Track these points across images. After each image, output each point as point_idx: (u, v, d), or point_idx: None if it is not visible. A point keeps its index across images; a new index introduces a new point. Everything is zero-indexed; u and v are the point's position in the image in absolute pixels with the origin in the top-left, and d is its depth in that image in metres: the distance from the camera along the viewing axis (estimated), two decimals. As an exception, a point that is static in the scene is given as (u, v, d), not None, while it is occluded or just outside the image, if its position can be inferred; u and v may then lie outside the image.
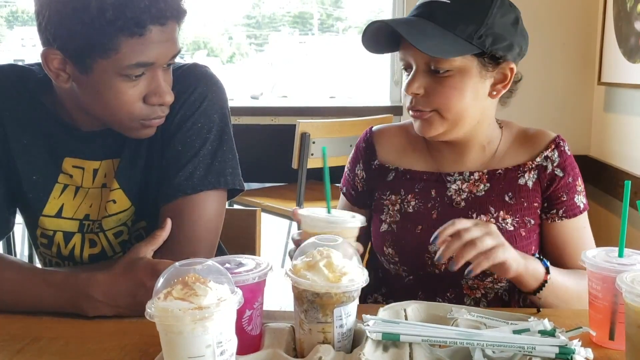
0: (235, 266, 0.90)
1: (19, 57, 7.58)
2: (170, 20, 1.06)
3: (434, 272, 1.25)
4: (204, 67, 1.25)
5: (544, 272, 1.13)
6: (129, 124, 1.12)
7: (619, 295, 0.89)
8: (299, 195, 2.77)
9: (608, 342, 0.95)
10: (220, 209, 1.21)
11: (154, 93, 1.09)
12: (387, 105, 3.27)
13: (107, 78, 1.06)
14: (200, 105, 1.20)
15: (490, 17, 1.16)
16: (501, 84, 1.22)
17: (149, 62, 1.06)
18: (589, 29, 2.78)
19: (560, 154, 1.27)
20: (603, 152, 2.71)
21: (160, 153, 1.20)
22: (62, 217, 1.23)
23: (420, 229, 1.27)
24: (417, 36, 1.14)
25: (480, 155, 1.29)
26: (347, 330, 0.88)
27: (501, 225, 1.24)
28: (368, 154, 1.37)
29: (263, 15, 10.32)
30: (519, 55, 1.22)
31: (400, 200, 1.30)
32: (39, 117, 1.20)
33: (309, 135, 2.73)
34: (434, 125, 1.21)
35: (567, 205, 1.27)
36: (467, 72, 1.17)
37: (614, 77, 2.55)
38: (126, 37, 1.02)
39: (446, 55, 1.15)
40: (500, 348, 0.86)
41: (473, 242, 1.02)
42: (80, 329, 1.03)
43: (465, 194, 1.28)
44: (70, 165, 1.21)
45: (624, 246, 0.97)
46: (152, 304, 0.75)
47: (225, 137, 1.22)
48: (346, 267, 0.87)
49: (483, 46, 1.16)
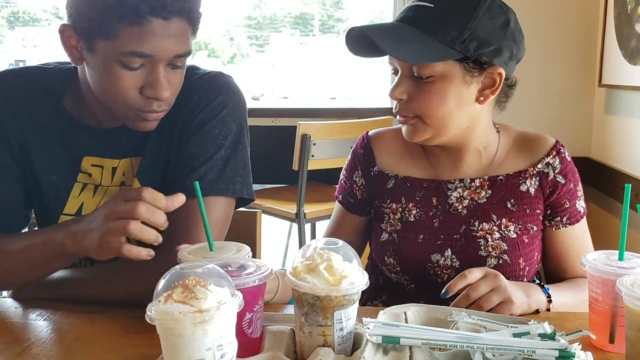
0: (236, 269, 0.90)
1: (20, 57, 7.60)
2: (176, 16, 1.07)
3: (437, 281, 1.24)
4: (228, 77, 1.27)
5: (546, 302, 1.14)
6: (125, 111, 1.13)
7: (619, 298, 0.89)
8: (299, 197, 2.77)
9: (608, 346, 0.95)
10: (226, 216, 1.21)
11: (150, 85, 1.10)
12: (388, 107, 3.27)
13: (107, 61, 1.08)
14: (220, 113, 1.21)
15: (475, 21, 1.12)
16: (489, 89, 1.19)
17: (147, 54, 1.07)
18: (589, 30, 2.78)
19: (561, 160, 1.26)
20: (603, 154, 2.71)
21: (177, 155, 1.22)
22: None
23: (422, 238, 1.25)
24: (393, 43, 1.13)
25: (478, 161, 1.28)
26: (347, 333, 0.88)
27: (504, 232, 1.23)
28: (367, 161, 1.34)
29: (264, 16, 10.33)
30: (510, 59, 1.18)
31: (401, 208, 1.28)
32: (57, 118, 1.22)
33: (310, 136, 2.73)
34: (418, 131, 1.20)
35: (569, 212, 1.26)
36: (449, 78, 1.15)
37: (614, 79, 2.55)
38: (125, 24, 1.04)
39: (421, 60, 1.13)
40: (500, 351, 0.86)
41: (479, 304, 1.05)
42: (81, 332, 1.03)
43: (466, 202, 1.26)
44: (89, 164, 1.23)
45: (624, 249, 0.97)
46: (153, 307, 0.75)
47: (240, 146, 1.23)
48: (346, 270, 0.87)
49: (466, 51, 1.13)
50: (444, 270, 1.23)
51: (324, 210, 2.85)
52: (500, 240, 1.22)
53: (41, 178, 1.23)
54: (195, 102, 1.21)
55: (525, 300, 1.09)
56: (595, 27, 2.75)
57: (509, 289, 1.07)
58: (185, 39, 1.11)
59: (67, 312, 1.10)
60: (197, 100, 1.21)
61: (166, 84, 1.11)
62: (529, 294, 1.11)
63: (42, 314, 1.10)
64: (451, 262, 1.23)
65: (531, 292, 1.12)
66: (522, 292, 1.10)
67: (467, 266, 1.12)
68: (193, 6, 1.10)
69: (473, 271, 1.08)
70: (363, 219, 1.36)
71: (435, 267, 1.24)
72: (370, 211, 1.35)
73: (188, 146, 1.20)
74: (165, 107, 1.15)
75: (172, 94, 1.14)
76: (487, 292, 1.06)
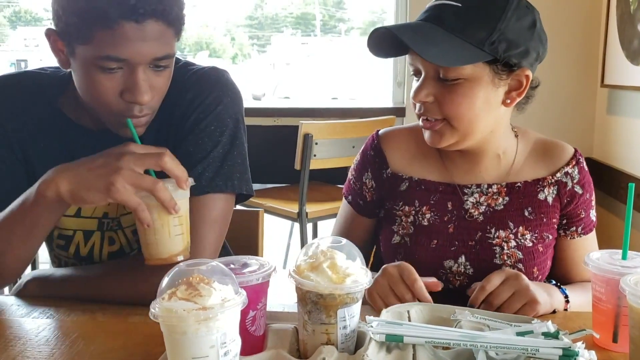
0: (239, 267, 0.90)
1: (22, 57, 7.61)
2: (149, 18, 1.04)
3: (448, 287, 1.22)
4: (222, 72, 1.25)
5: (564, 302, 1.13)
6: (109, 117, 1.12)
7: (623, 297, 0.89)
8: (301, 196, 2.77)
9: (612, 345, 0.95)
10: (226, 212, 1.21)
11: (129, 89, 1.08)
12: (390, 107, 3.27)
13: (86, 65, 1.07)
14: (215, 109, 1.20)
15: (504, 22, 1.09)
16: (516, 92, 1.16)
17: (121, 58, 1.05)
18: (592, 31, 2.78)
19: (580, 170, 1.24)
20: (606, 155, 2.71)
21: (174, 153, 1.21)
22: (81, 216, 1.24)
23: (435, 244, 1.22)
24: (423, 44, 1.08)
25: (496, 166, 1.24)
26: (350, 332, 0.88)
27: (520, 241, 1.21)
28: (378, 163, 1.30)
29: (265, 16, 10.34)
30: (536, 61, 1.15)
31: (414, 211, 1.25)
32: (54, 120, 1.22)
33: (312, 136, 2.73)
34: (444, 136, 1.16)
35: (584, 222, 1.25)
36: (478, 80, 1.11)
37: (617, 79, 2.55)
38: (98, 29, 1.03)
39: (453, 64, 1.09)
40: (503, 350, 0.85)
41: (503, 310, 1.04)
42: (84, 329, 1.03)
43: (483, 208, 1.23)
44: None
45: (627, 248, 0.97)
46: (157, 304, 0.75)
47: (237, 142, 1.22)
48: (350, 268, 0.87)
49: (496, 53, 1.09)
50: (456, 277, 1.22)
51: (326, 210, 2.85)
52: (515, 248, 1.20)
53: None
54: (189, 99, 1.20)
55: (548, 300, 1.09)
56: (598, 27, 2.75)
57: (531, 288, 1.05)
58: (163, 41, 1.07)
59: (70, 310, 1.10)
60: (191, 97, 1.20)
61: (146, 88, 1.08)
62: (550, 294, 1.11)
63: (45, 312, 1.09)
64: (464, 268, 1.21)
65: (552, 292, 1.12)
66: (544, 292, 1.09)
67: (481, 273, 1.10)
68: (168, 7, 1.06)
69: (491, 279, 1.06)
70: (373, 220, 1.34)
71: (448, 274, 1.22)
72: (379, 213, 1.32)
73: (185, 144, 1.19)
74: (148, 111, 1.12)
75: (155, 97, 1.11)
76: (509, 296, 1.05)
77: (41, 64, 1.29)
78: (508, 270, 1.09)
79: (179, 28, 1.10)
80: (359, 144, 1.36)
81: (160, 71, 1.10)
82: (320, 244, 0.91)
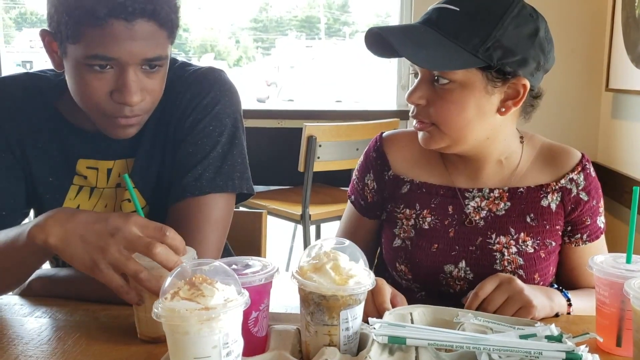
0: (242, 267, 0.90)
1: (28, 58, 7.63)
2: (140, 18, 1.03)
3: (448, 292, 1.22)
4: (219, 72, 1.25)
5: (567, 305, 1.13)
6: (99, 118, 1.12)
7: (627, 301, 0.88)
8: (304, 198, 2.77)
9: (615, 349, 0.95)
10: (227, 212, 1.21)
11: (118, 90, 1.07)
12: (394, 110, 3.28)
13: (77, 65, 1.07)
14: (213, 109, 1.20)
15: (501, 29, 1.07)
16: (512, 101, 1.13)
17: (110, 57, 1.04)
18: (597, 35, 2.78)
19: (585, 177, 1.22)
20: (610, 159, 2.71)
21: (173, 154, 1.21)
22: None
23: (436, 248, 1.22)
24: (411, 46, 1.08)
25: (498, 171, 1.23)
26: (353, 333, 0.88)
27: (521, 247, 1.20)
28: (380, 164, 1.30)
29: (270, 19, 10.36)
30: (537, 70, 1.12)
31: (415, 215, 1.25)
32: (52, 121, 1.22)
33: (316, 138, 2.73)
34: (434, 138, 1.16)
35: (590, 229, 1.23)
36: (469, 86, 1.10)
37: (621, 83, 2.55)
38: (87, 27, 1.03)
39: (441, 68, 1.09)
40: (506, 353, 0.85)
41: (498, 314, 1.04)
42: (86, 329, 1.03)
43: (484, 212, 1.22)
44: (84, 166, 1.23)
45: (631, 252, 0.96)
46: (160, 304, 0.75)
47: (236, 141, 1.22)
48: (353, 269, 0.87)
49: (490, 60, 1.08)
50: (456, 282, 1.21)
51: (329, 212, 2.85)
52: (516, 254, 1.19)
53: (38, 179, 1.23)
54: (187, 100, 1.20)
55: (547, 303, 1.08)
56: (603, 31, 2.75)
57: (526, 292, 1.05)
58: (154, 43, 1.06)
59: (72, 310, 1.10)
60: (189, 98, 1.20)
61: (136, 89, 1.07)
62: (551, 298, 1.10)
63: (47, 312, 1.10)
64: (465, 273, 1.21)
65: (553, 295, 1.11)
66: (543, 295, 1.08)
67: (481, 279, 1.10)
68: (158, 7, 1.05)
69: (485, 286, 1.06)
70: (375, 222, 1.34)
71: (448, 278, 1.21)
72: (380, 215, 1.32)
73: (184, 145, 1.19)
74: (139, 112, 1.12)
75: (147, 99, 1.11)
76: (503, 301, 1.04)
77: (46, 66, 1.28)
78: (502, 274, 1.09)
79: (172, 30, 1.10)
80: (362, 146, 1.36)
81: (152, 73, 1.10)
82: (324, 245, 0.91)
